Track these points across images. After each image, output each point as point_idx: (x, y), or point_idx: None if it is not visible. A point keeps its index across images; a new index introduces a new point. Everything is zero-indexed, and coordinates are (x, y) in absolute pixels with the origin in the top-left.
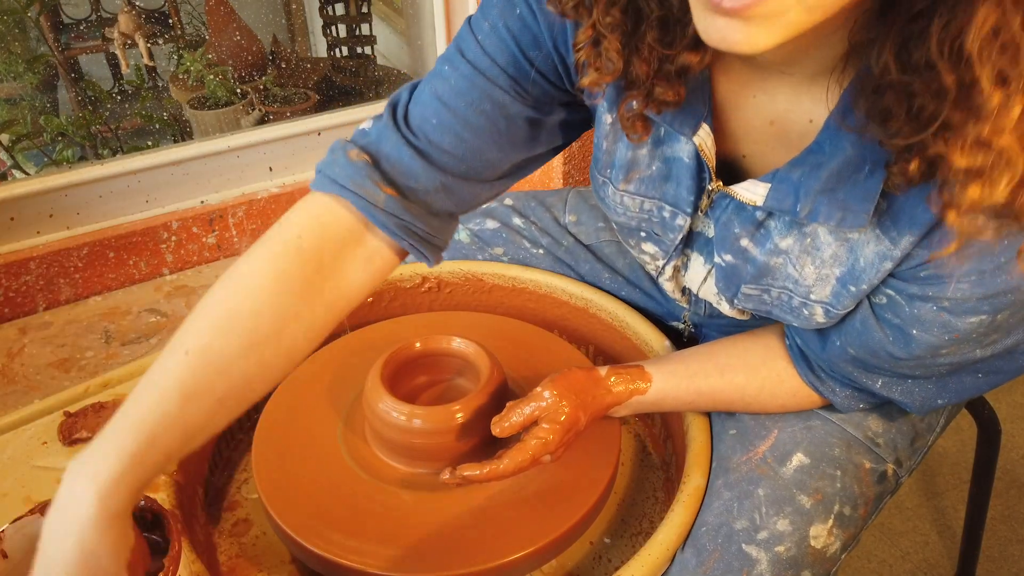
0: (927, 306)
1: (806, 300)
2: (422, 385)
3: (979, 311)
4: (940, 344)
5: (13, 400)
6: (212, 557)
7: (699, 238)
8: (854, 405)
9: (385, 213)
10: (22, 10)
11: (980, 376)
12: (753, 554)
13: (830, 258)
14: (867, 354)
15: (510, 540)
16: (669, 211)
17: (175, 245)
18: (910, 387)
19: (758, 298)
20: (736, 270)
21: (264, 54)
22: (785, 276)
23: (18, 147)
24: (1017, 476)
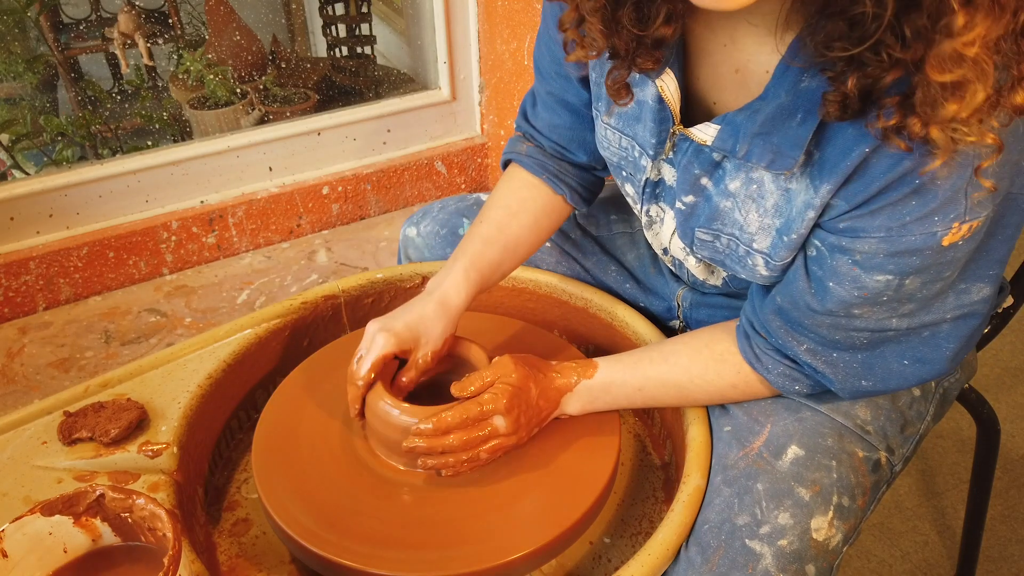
0: (843, 259)
1: (749, 248)
2: (422, 385)
3: (885, 269)
4: (851, 300)
5: (13, 400)
6: (212, 557)
7: (669, 191)
8: (788, 385)
9: (545, 172)
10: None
11: (906, 363)
12: (757, 549)
13: (772, 208)
14: (790, 304)
15: (510, 540)
16: (638, 151)
17: (175, 245)
18: (834, 360)
19: (711, 245)
20: (694, 210)
21: (264, 54)
22: (732, 222)
23: (18, 147)
24: (1017, 476)
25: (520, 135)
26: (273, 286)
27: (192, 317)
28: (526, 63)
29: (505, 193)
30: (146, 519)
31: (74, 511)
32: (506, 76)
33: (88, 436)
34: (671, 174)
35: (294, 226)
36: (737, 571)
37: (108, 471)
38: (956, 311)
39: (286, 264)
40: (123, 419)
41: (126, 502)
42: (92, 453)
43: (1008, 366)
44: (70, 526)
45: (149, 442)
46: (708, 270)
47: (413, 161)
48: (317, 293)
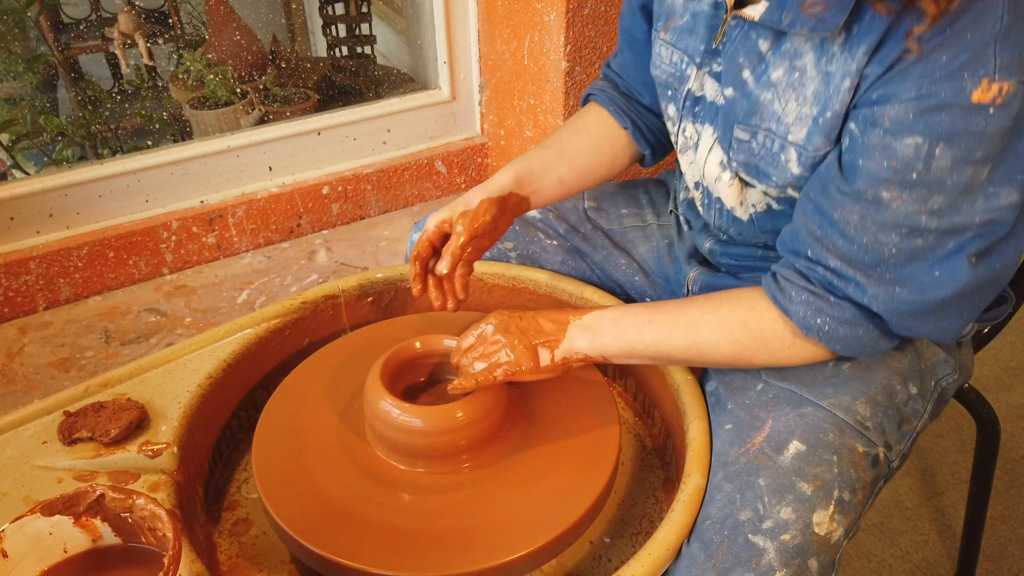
0: (875, 131)
1: (784, 142)
2: (422, 385)
3: (915, 130)
4: (881, 175)
5: (13, 400)
6: (212, 557)
7: (708, 108)
8: (811, 317)
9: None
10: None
11: (937, 275)
12: (760, 544)
13: (811, 95)
14: (820, 192)
15: (510, 540)
16: (686, 61)
17: (175, 245)
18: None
19: (748, 146)
20: (733, 106)
21: (264, 54)
22: (771, 115)
23: (18, 147)
24: (1017, 476)
25: (600, 77)
26: (273, 286)
27: (192, 317)
28: (526, 63)
29: (573, 119)
30: (146, 519)
31: (74, 511)
32: (506, 76)
33: (88, 436)
34: (712, 88)
35: (294, 226)
36: (741, 566)
37: (108, 471)
38: (984, 215)
39: (286, 264)
40: (123, 419)
41: (126, 502)
42: (92, 453)
43: (1008, 366)
44: (70, 526)
45: (149, 442)
46: (740, 194)
47: (413, 161)
48: (317, 293)
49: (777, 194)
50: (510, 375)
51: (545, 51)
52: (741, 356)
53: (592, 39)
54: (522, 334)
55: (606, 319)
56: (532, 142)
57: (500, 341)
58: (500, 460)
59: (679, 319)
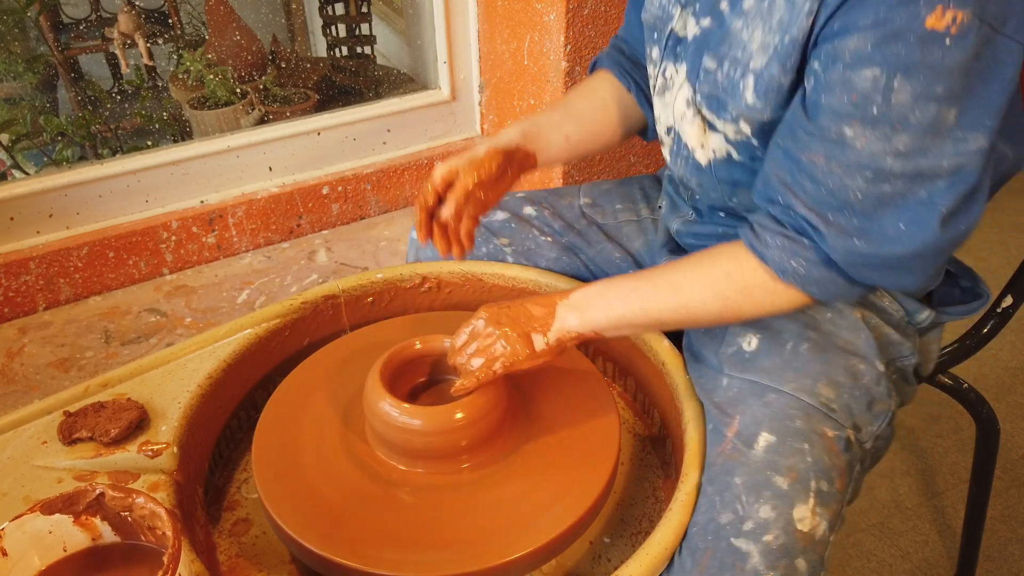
0: (836, 67)
1: (745, 69)
2: (422, 385)
3: (873, 60)
4: (842, 110)
5: (13, 400)
6: (212, 557)
7: (686, 48)
8: (786, 260)
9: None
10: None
11: (902, 227)
12: (743, 547)
13: (776, 24)
14: (787, 135)
15: (510, 540)
16: (672, 2)
17: (175, 245)
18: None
19: (713, 77)
20: (708, 36)
21: (264, 54)
22: (738, 43)
23: (18, 147)
24: (1017, 476)
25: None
26: (273, 286)
27: (192, 317)
28: (526, 63)
29: (580, 84)
30: (146, 518)
31: (74, 510)
32: (506, 76)
33: (88, 436)
34: (693, 27)
35: (294, 226)
36: (727, 573)
37: (108, 471)
38: (952, 159)
39: (286, 264)
40: (123, 419)
41: (126, 501)
42: (92, 453)
43: (1008, 366)
44: (70, 525)
45: (149, 442)
46: (702, 135)
47: (413, 161)
48: (317, 293)
49: (734, 134)
50: (509, 366)
51: (545, 51)
52: (728, 309)
53: (592, 39)
54: (513, 323)
55: (591, 294)
56: None
57: (493, 333)
58: (500, 460)
59: (662, 281)
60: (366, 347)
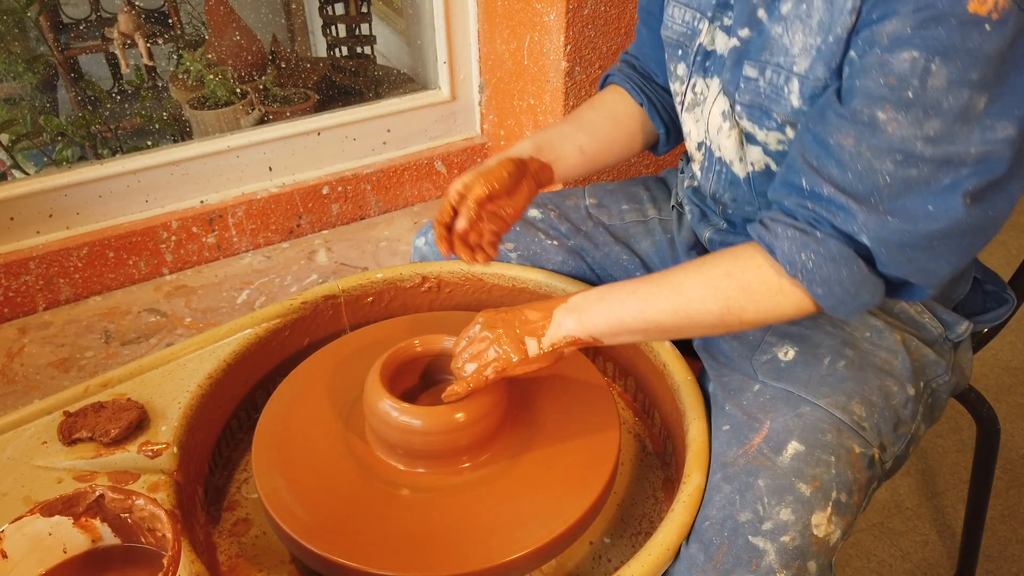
0: (873, 51)
1: (790, 73)
2: (422, 385)
3: (912, 44)
4: (877, 92)
5: (13, 400)
6: (212, 557)
7: (718, 61)
8: (795, 253)
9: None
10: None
11: (930, 208)
12: (760, 545)
13: (816, 26)
14: (817, 118)
15: (510, 540)
16: (698, 18)
17: (175, 245)
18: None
19: (755, 83)
20: (747, 45)
21: (264, 54)
22: (780, 49)
23: (18, 147)
24: (1017, 476)
25: (618, 62)
26: (273, 286)
27: (192, 317)
28: (526, 63)
29: (592, 99)
30: (146, 519)
31: (74, 512)
32: (506, 76)
33: (88, 436)
34: (723, 41)
35: (294, 226)
36: (741, 568)
37: (108, 471)
38: (980, 147)
39: (286, 264)
40: (123, 419)
41: (126, 502)
42: (92, 453)
43: (1008, 366)
44: (70, 527)
45: (149, 442)
46: (740, 148)
47: (413, 161)
48: (317, 293)
49: (775, 144)
50: (500, 372)
51: (545, 51)
52: (730, 312)
53: (592, 39)
54: (507, 327)
55: (591, 297)
56: None
57: (487, 337)
58: (500, 460)
59: (663, 284)
60: (366, 347)
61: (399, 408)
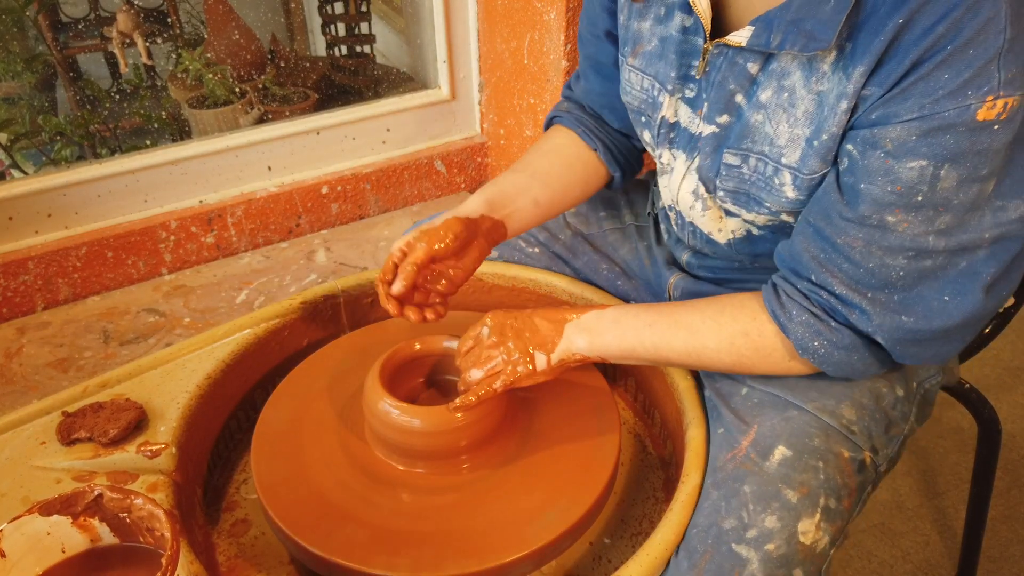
0: (876, 153)
1: (778, 165)
2: (422, 385)
3: (919, 153)
4: (885, 199)
5: (11, 400)
6: (211, 557)
7: (682, 134)
8: (808, 339)
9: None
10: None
11: (946, 299)
12: (743, 553)
13: (802, 116)
14: (822, 218)
15: (510, 540)
16: (657, 88)
17: (174, 245)
18: (872, 297)
19: (738, 171)
20: (727, 132)
21: (263, 53)
22: (763, 137)
23: (16, 146)
24: (1018, 476)
25: (562, 100)
26: (272, 286)
27: (191, 317)
28: (526, 62)
29: (540, 142)
30: (144, 519)
31: (72, 511)
32: (506, 75)
33: (87, 436)
34: (686, 115)
35: (293, 226)
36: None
37: (107, 471)
38: (994, 230)
39: (285, 264)
40: (122, 419)
41: (124, 502)
42: (91, 453)
43: (1008, 366)
44: (68, 526)
45: (148, 442)
46: (717, 222)
47: (412, 160)
48: (316, 293)
49: (765, 221)
50: (508, 384)
51: (545, 50)
52: (741, 365)
53: None
54: (517, 337)
55: (606, 319)
56: (532, 142)
57: (496, 345)
58: (499, 461)
59: (681, 323)
60: (366, 347)
61: (398, 408)
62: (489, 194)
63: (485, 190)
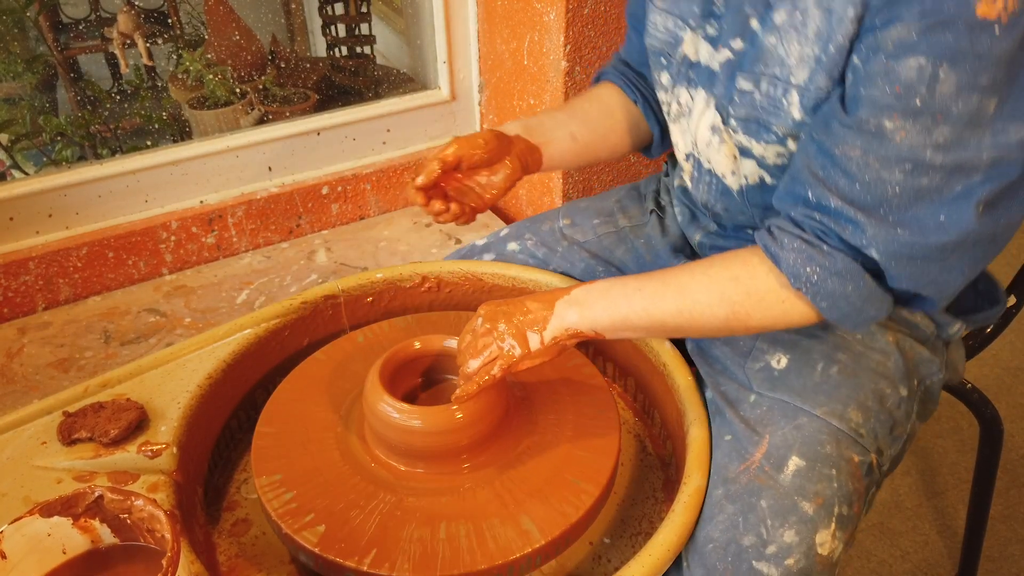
0: (878, 58)
1: (787, 85)
2: (422, 385)
3: (918, 50)
4: (883, 101)
5: (12, 400)
6: (211, 557)
7: (702, 72)
8: (800, 267)
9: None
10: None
11: (941, 219)
12: (764, 570)
13: (812, 35)
14: (822, 129)
15: (510, 540)
16: (680, 26)
17: (174, 245)
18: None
19: (750, 96)
20: (739, 58)
21: (263, 54)
22: (775, 59)
23: (17, 147)
24: (1018, 476)
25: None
26: (273, 286)
27: (191, 317)
28: (526, 63)
29: (584, 92)
30: (145, 520)
31: (73, 512)
32: (506, 76)
33: (87, 436)
34: (706, 52)
35: (294, 226)
36: None
37: (107, 471)
38: (992, 151)
39: (286, 264)
40: (123, 419)
41: (125, 503)
42: (91, 453)
43: (1008, 366)
44: (69, 527)
45: (149, 442)
46: (732, 162)
47: (413, 161)
48: (317, 293)
49: (774, 157)
50: (505, 367)
51: (545, 51)
52: (736, 316)
53: (592, 39)
54: (508, 320)
55: (595, 291)
56: None
57: (490, 332)
58: (499, 460)
59: (670, 282)
60: (366, 347)
61: (398, 408)
62: (527, 121)
63: (522, 119)
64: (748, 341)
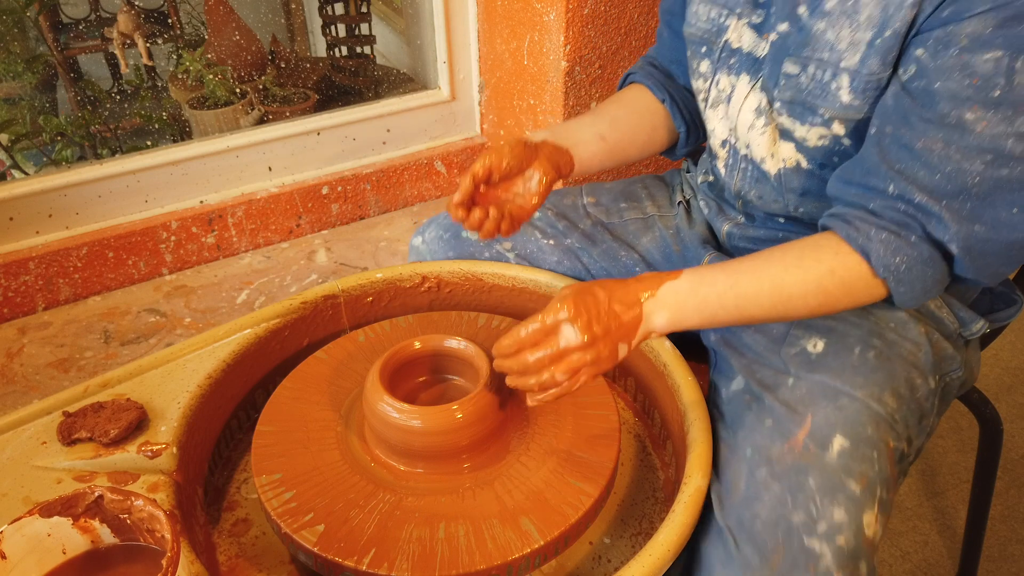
0: (949, 52)
1: (836, 69)
2: (422, 385)
3: (994, 44)
4: (962, 94)
5: (12, 400)
6: (211, 557)
7: (745, 59)
8: (889, 258)
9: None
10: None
11: (1015, 212)
12: (816, 548)
13: (865, 21)
14: (900, 121)
15: (509, 540)
16: (725, 14)
17: (174, 245)
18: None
19: (796, 79)
20: (786, 40)
21: (263, 54)
22: (823, 44)
23: (17, 147)
24: (1018, 476)
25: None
26: (273, 286)
27: (191, 317)
28: (526, 63)
29: (611, 96)
30: (145, 520)
31: (73, 512)
32: (506, 76)
33: (88, 436)
34: (750, 39)
35: (294, 226)
36: (799, 571)
37: (107, 471)
38: None
39: (286, 264)
40: (123, 419)
41: (125, 503)
42: (91, 453)
43: (1008, 366)
44: (69, 527)
45: (148, 442)
46: (772, 144)
47: (413, 161)
48: (317, 293)
49: (815, 140)
50: (592, 377)
51: (545, 51)
52: (826, 305)
53: (592, 39)
54: (606, 333)
55: (683, 291)
56: None
57: (587, 346)
58: (500, 460)
59: (763, 278)
60: (367, 347)
61: (399, 408)
62: (553, 128)
63: (549, 128)
64: (782, 328)
